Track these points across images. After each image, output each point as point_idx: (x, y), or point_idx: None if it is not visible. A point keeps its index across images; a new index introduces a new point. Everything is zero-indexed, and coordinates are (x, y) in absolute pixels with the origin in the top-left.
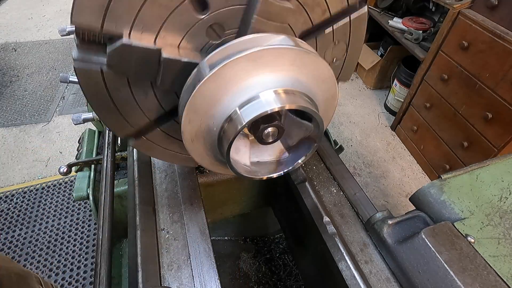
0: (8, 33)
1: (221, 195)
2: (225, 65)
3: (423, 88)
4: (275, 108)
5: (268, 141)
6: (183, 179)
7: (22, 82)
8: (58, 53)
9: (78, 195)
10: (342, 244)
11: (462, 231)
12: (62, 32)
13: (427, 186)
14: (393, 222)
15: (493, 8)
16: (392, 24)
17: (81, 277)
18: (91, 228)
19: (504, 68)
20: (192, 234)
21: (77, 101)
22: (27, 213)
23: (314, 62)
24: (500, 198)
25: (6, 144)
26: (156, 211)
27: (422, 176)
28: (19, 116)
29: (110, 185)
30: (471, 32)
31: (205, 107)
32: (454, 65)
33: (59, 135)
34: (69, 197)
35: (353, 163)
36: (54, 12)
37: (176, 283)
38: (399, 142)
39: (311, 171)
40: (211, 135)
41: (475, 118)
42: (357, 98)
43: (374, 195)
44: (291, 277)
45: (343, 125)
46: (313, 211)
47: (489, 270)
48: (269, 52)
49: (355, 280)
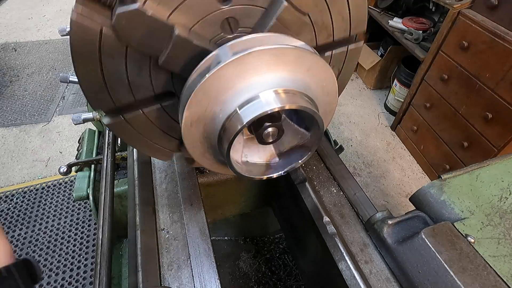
0: (8, 33)
1: (221, 195)
2: (250, 53)
3: (423, 88)
4: (275, 108)
5: (268, 141)
6: (183, 179)
7: (22, 82)
8: (58, 53)
9: (78, 195)
10: (342, 244)
11: (462, 231)
12: (62, 32)
13: (427, 186)
14: (393, 222)
15: (493, 8)
16: (392, 24)
17: (81, 277)
18: (91, 228)
19: (504, 68)
20: (192, 234)
21: (77, 101)
22: (27, 213)
23: (314, 62)
24: (500, 198)
25: (6, 144)
26: (156, 211)
27: (422, 176)
28: (19, 116)
29: (110, 185)
30: (471, 32)
31: (217, 91)
32: (454, 65)
33: (59, 135)
34: (69, 197)
35: (353, 163)
36: (54, 12)
37: (176, 283)
38: (399, 142)
39: (311, 171)
40: (214, 122)
41: (475, 118)
42: (357, 98)
43: (374, 195)
44: (291, 277)
45: (343, 125)
46: (313, 211)
47: (489, 270)
48: (291, 51)
49: (355, 280)
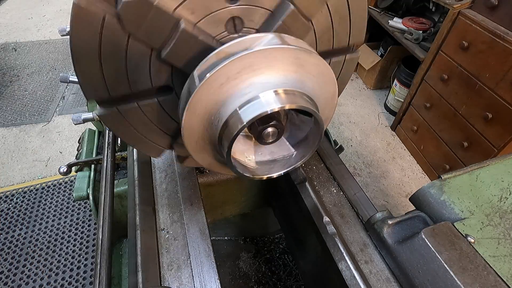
0: (8, 33)
1: (221, 195)
2: (251, 53)
3: (423, 88)
4: (275, 108)
5: (268, 141)
6: (183, 179)
7: (22, 82)
8: (58, 53)
9: (78, 195)
10: (342, 244)
11: (462, 231)
12: (62, 32)
13: (427, 186)
14: (393, 222)
15: (493, 8)
16: (392, 24)
17: (81, 277)
18: (91, 228)
19: (504, 68)
20: (192, 234)
21: (77, 101)
22: (27, 213)
23: (314, 62)
24: (500, 198)
25: (6, 144)
26: (156, 211)
27: (422, 176)
28: (19, 116)
29: (110, 185)
30: (471, 32)
31: (218, 91)
32: (454, 65)
33: (59, 135)
34: (69, 197)
35: (353, 163)
36: (54, 12)
37: (176, 283)
38: (399, 142)
39: (311, 171)
40: (215, 122)
41: (475, 118)
42: (357, 98)
43: (374, 195)
44: (291, 277)
45: (343, 125)
46: (313, 211)
47: (489, 270)
48: (291, 51)
49: (355, 280)
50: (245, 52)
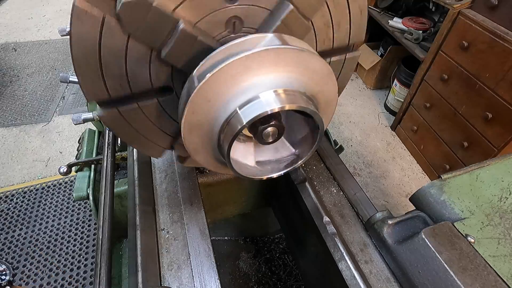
0: (8, 33)
1: (221, 195)
2: (251, 53)
3: (423, 88)
4: (275, 108)
5: (268, 141)
6: (183, 179)
7: (22, 82)
8: (58, 53)
9: (78, 195)
10: (342, 244)
11: (462, 231)
12: (62, 32)
13: (427, 186)
14: (393, 222)
15: (493, 8)
16: (392, 24)
17: (81, 277)
18: (91, 228)
19: (504, 68)
20: (192, 234)
21: (77, 101)
22: (27, 213)
23: (314, 62)
24: (500, 198)
25: (6, 144)
26: (156, 211)
27: (422, 176)
28: (19, 116)
29: (110, 185)
30: (471, 32)
31: (218, 91)
32: (454, 65)
33: (59, 135)
34: (69, 197)
35: (353, 163)
36: (54, 12)
37: (176, 283)
38: (399, 142)
39: (311, 171)
40: (215, 122)
41: (475, 118)
42: (357, 98)
43: (374, 195)
44: (291, 277)
45: (343, 125)
46: (313, 211)
47: (489, 270)
48: (291, 51)
49: (355, 280)
50: (245, 53)
